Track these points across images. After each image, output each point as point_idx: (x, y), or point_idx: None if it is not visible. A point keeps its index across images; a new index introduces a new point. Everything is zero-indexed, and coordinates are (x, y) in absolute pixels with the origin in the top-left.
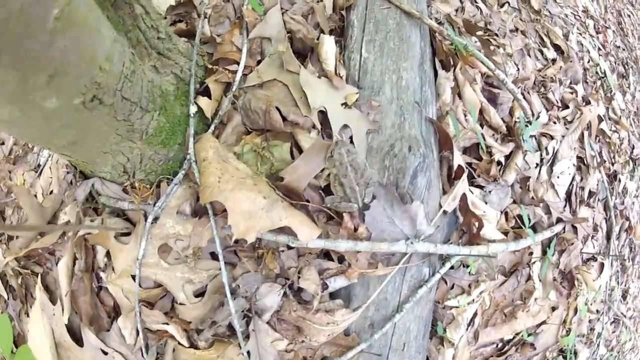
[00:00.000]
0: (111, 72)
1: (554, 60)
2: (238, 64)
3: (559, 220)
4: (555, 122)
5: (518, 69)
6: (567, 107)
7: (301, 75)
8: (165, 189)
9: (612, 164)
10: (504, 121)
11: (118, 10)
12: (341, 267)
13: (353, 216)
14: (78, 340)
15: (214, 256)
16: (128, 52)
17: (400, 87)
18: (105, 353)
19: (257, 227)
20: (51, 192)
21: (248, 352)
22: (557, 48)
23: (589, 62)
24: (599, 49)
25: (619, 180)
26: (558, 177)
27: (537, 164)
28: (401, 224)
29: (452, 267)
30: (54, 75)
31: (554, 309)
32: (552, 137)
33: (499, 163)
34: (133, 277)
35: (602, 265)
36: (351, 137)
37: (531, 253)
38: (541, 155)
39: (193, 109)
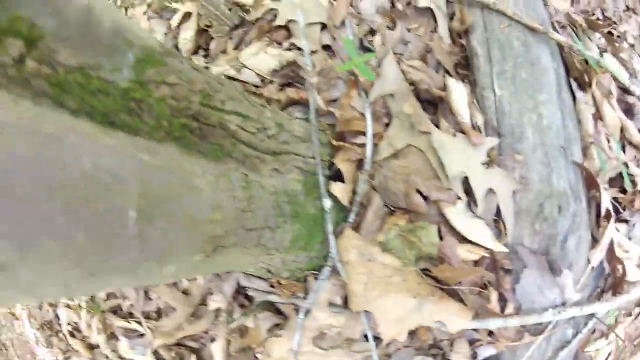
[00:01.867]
0: (225, 217)
1: None
2: (364, 134)
3: None
4: None
5: None
6: None
7: (434, 138)
8: (313, 283)
9: None
10: None
11: (208, 138)
12: (491, 339)
13: (503, 288)
14: None
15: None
16: (237, 178)
17: (542, 129)
18: None
19: (407, 327)
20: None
21: None
22: None
23: None
24: None
25: None
26: None
27: None
28: (550, 292)
29: None
30: (160, 259)
31: None
32: None
33: None
34: None
35: None
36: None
37: None
38: None
39: (327, 204)
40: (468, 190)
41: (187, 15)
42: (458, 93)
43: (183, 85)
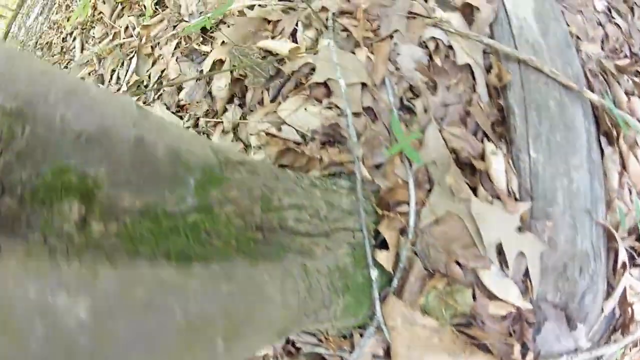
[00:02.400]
0: (291, 312)
1: None
2: (407, 203)
3: None
4: None
5: None
6: None
7: (472, 207)
8: (358, 339)
9: None
10: None
11: (271, 242)
12: None
13: (526, 337)
14: None
15: None
16: (298, 271)
17: (571, 193)
18: None
19: None
20: None
21: None
22: None
23: None
24: None
25: None
26: None
27: None
28: (566, 341)
29: None
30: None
31: None
32: None
33: None
34: None
35: None
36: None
37: None
38: None
39: (374, 274)
40: (500, 251)
41: (218, 62)
42: (496, 164)
43: (244, 197)
